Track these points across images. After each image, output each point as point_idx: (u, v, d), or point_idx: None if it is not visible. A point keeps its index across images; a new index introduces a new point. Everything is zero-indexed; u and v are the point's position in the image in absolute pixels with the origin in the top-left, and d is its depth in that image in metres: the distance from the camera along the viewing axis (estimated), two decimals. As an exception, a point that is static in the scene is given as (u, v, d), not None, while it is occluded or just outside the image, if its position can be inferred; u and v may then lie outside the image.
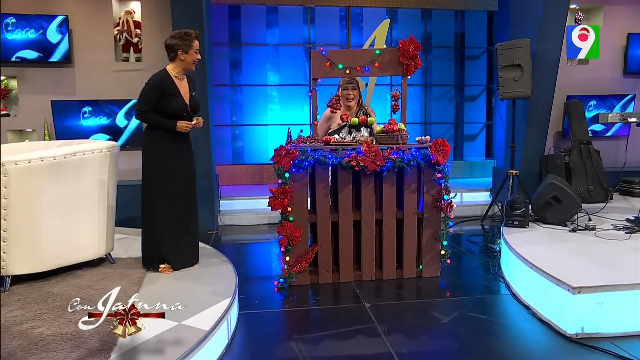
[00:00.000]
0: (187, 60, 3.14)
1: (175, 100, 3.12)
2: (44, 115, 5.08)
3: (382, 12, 6.94)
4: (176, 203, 3.19)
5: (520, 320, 2.92)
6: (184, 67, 3.16)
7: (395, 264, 3.64)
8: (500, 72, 5.00)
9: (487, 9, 7.03)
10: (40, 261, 2.95)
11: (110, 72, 5.26)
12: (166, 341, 2.25)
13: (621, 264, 3.03)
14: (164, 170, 3.15)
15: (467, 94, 7.37)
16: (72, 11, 5.09)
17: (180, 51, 3.11)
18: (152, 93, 3.09)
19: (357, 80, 3.96)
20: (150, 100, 3.09)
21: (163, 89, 3.10)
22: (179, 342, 2.23)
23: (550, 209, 4.08)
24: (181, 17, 4.79)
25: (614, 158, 5.79)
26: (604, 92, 5.96)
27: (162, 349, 2.18)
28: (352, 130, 3.80)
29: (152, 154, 3.16)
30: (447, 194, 3.57)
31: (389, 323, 2.85)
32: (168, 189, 3.17)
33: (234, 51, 6.78)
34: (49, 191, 2.89)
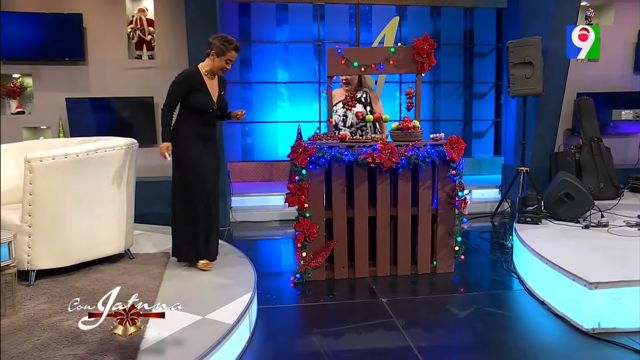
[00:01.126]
0: (215, 64, 3.18)
1: (202, 95, 3.17)
2: (59, 112, 5.13)
3: (392, 10, 6.95)
4: (208, 199, 3.23)
5: (536, 315, 2.96)
6: (212, 68, 3.20)
7: (410, 260, 3.68)
8: (512, 69, 5.02)
9: (496, 6, 7.04)
10: (64, 256, 3.01)
11: (124, 70, 5.29)
12: (192, 334, 2.30)
13: (636, 259, 3.06)
14: (195, 166, 3.18)
15: (476, 91, 7.39)
16: (86, 9, 5.13)
17: (214, 53, 3.14)
18: (178, 87, 3.15)
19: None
20: (176, 94, 3.15)
21: (190, 84, 3.14)
22: (204, 336, 2.28)
23: (563, 205, 4.11)
24: (195, 14, 4.83)
25: (624, 155, 5.79)
26: (614, 90, 5.97)
27: (189, 342, 2.23)
28: (346, 108, 3.94)
29: (184, 150, 3.19)
30: (461, 191, 3.60)
31: (407, 317, 2.89)
32: (201, 185, 3.19)
33: (244, 48, 6.80)
34: (72, 187, 2.94)
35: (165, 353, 2.15)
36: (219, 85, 3.31)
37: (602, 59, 5.98)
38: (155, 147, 5.42)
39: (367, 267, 3.65)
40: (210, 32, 4.85)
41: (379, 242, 3.62)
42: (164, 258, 3.46)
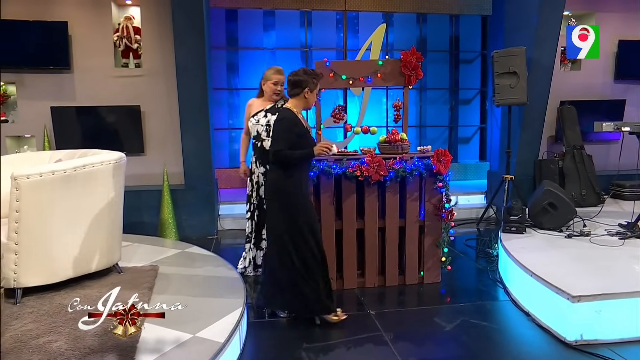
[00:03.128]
0: (309, 100, 3.04)
1: (308, 139, 3.05)
2: (44, 121, 5.07)
3: (379, 17, 7.00)
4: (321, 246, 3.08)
5: (521, 326, 3.03)
6: (305, 105, 3.07)
7: (397, 271, 3.73)
8: (496, 79, 5.10)
9: (481, 13, 7.12)
10: (52, 273, 2.98)
11: (110, 78, 5.26)
12: (182, 355, 2.30)
13: (616, 271, 3.15)
14: (309, 216, 3.00)
15: (462, 97, 7.48)
16: (71, 17, 5.08)
17: (307, 89, 3.01)
18: (291, 133, 2.93)
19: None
20: (290, 141, 2.91)
21: (298, 127, 2.97)
22: (195, 356, 2.28)
23: (546, 215, 4.19)
24: (183, 22, 4.82)
25: (606, 161, 5.93)
26: (595, 97, 6.10)
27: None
28: (268, 114, 3.68)
29: (296, 200, 2.96)
30: (447, 203, 3.66)
31: (395, 331, 2.93)
32: (315, 234, 3.03)
33: (231, 54, 6.80)
34: (59, 204, 2.92)
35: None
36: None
37: (583, 67, 6.13)
38: (143, 155, 5.41)
39: (356, 278, 3.69)
40: (197, 40, 4.88)
41: (367, 253, 3.66)
42: (152, 272, 3.45)
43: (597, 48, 4.76)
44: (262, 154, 3.71)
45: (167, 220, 5.02)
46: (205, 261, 3.83)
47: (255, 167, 3.78)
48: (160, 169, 5.02)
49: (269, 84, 3.69)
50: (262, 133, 3.69)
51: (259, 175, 3.76)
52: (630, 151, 4.05)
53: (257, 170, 3.77)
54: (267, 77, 3.70)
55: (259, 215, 3.79)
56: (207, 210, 5.34)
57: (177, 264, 3.73)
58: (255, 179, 3.78)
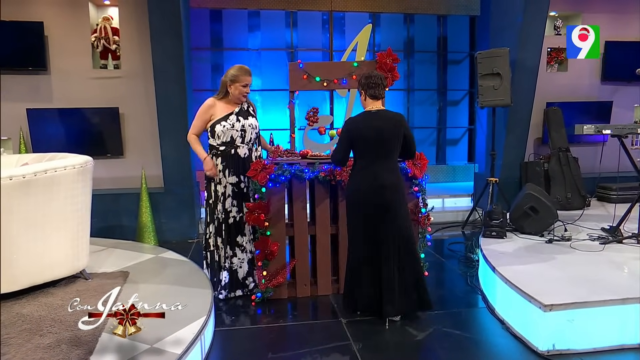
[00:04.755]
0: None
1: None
2: (19, 123, 4.99)
3: (365, 17, 6.93)
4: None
5: (494, 335, 2.95)
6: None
7: (373, 277, 3.65)
8: (480, 80, 5.03)
9: (469, 13, 7.06)
10: (12, 280, 2.90)
11: (88, 80, 5.17)
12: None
13: (593, 278, 3.07)
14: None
15: (450, 99, 7.42)
16: (47, 17, 4.99)
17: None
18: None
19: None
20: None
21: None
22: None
23: (528, 219, 4.12)
24: (159, 23, 4.74)
25: (592, 164, 5.84)
26: (582, 99, 6.03)
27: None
28: (239, 117, 3.45)
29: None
30: (424, 207, 3.58)
31: (364, 340, 2.85)
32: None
33: (216, 55, 6.73)
34: (18, 209, 2.84)
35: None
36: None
37: (570, 69, 6.06)
38: (122, 158, 5.32)
39: (330, 284, 3.61)
40: (174, 41, 4.80)
41: (341, 259, 3.57)
42: (120, 279, 3.37)
43: (597, 48, 4.71)
44: (234, 162, 3.44)
45: (145, 224, 4.94)
46: (177, 267, 3.74)
47: (223, 177, 3.45)
48: (140, 171, 4.94)
49: (238, 85, 3.40)
50: (237, 139, 3.44)
51: (226, 185, 3.45)
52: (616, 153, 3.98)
53: (224, 180, 3.45)
54: (236, 79, 3.40)
55: (227, 229, 3.49)
56: (187, 214, 5.27)
57: (148, 270, 3.65)
58: (222, 189, 3.45)
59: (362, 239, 3.04)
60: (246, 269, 3.55)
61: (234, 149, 3.45)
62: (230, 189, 3.46)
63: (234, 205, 3.49)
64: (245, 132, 3.46)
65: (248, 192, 3.51)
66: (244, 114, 3.49)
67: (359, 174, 3.04)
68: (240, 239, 3.52)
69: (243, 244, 3.53)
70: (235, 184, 3.47)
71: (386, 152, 3.00)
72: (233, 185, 3.46)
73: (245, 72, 3.44)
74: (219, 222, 3.49)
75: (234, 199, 3.48)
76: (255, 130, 3.54)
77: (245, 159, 3.47)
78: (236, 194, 3.48)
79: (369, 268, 3.05)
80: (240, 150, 3.45)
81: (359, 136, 2.99)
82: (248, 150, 3.49)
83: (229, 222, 3.48)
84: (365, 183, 2.99)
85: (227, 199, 3.47)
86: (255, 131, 3.54)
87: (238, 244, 3.52)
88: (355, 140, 3.00)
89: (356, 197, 3.04)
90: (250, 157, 3.50)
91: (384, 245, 2.98)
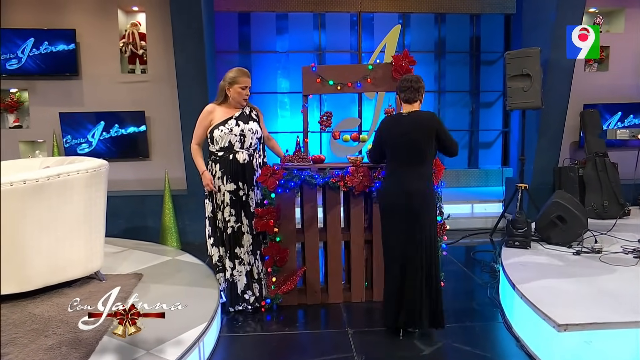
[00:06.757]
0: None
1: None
2: (53, 127, 5.19)
3: (395, 17, 6.80)
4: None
5: (507, 354, 2.79)
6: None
7: (386, 286, 3.54)
8: (509, 81, 4.80)
9: (504, 12, 6.78)
10: (27, 281, 3.00)
11: (117, 84, 5.32)
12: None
13: (620, 296, 2.84)
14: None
15: (483, 100, 7.16)
16: (79, 24, 5.17)
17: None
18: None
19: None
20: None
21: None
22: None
23: (555, 228, 3.90)
24: (181, 27, 4.82)
25: (633, 170, 5.47)
26: (623, 100, 5.65)
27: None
28: (239, 122, 3.30)
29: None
30: (439, 215, 3.44)
31: (368, 352, 2.77)
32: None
33: (244, 58, 6.78)
34: (32, 212, 2.94)
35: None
36: None
37: (611, 68, 5.69)
38: (148, 160, 5.44)
39: (342, 292, 3.54)
40: (196, 45, 4.86)
41: (354, 267, 3.50)
42: (134, 280, 3.43)
43: (597, 48, 4.48)
44: (233, 168, 3.26)
45: (168, 225, 5.02)
46: (190, 270, 3.78)
47: (221, 184, 3.27)
48: (164, 174, 5.03)
49: (236, 88, 3.25)
50: (236, 144, 3.26)
51: (225, 193, 3.27)
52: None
53: (223, 187, 3.27)
54: (235, 81, 3.25)
55: (228, 239, 3.32)
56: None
57: (162, 272, 3.70)
58: (221, 197, 3.29)
59: (391, 245, 2.95)
60: (244, 281, 3.35)
61: (233, 154, 3.26)
62: (228, 197, 3.27)
63: (232, 214, 3.28)
64: (244, 137, 3.28)
65: (247, 201, 3.32)
66: (244, 119, 3.32)
67: (389, 178, 2.99)
68: (239, 250, 3.33)
69: (241, 255, 3.33)
70: (233, 191, 3.27)
71: (414, 157, 2.87)
72: (231, 193, 3.26)
73: (243, 74, 3.31)
74: (220, 232, 3.34)
75: (232, 207, 3.28)
76: (257, 135, 3.35)
77: (245, 165, 3.27)
78: (234, 202, 3.27)
79: (398, 275, 2.91)
80: (239, 155, 3.27)
81: (386, 139, 2.96)
82: (248, 156, 3.29)
83: (227, 233, 3.31)
84: (392, 188, 2.93)
85: (226, 207, 3.29)
86: (257, 136, 3.35)
87: (236, 256, 3.33)
88: (384, 143, 2.98)
89: (384, 202, 2.98)
90: (250, 164, 3.30)
91: (410, 253, 2.86)
